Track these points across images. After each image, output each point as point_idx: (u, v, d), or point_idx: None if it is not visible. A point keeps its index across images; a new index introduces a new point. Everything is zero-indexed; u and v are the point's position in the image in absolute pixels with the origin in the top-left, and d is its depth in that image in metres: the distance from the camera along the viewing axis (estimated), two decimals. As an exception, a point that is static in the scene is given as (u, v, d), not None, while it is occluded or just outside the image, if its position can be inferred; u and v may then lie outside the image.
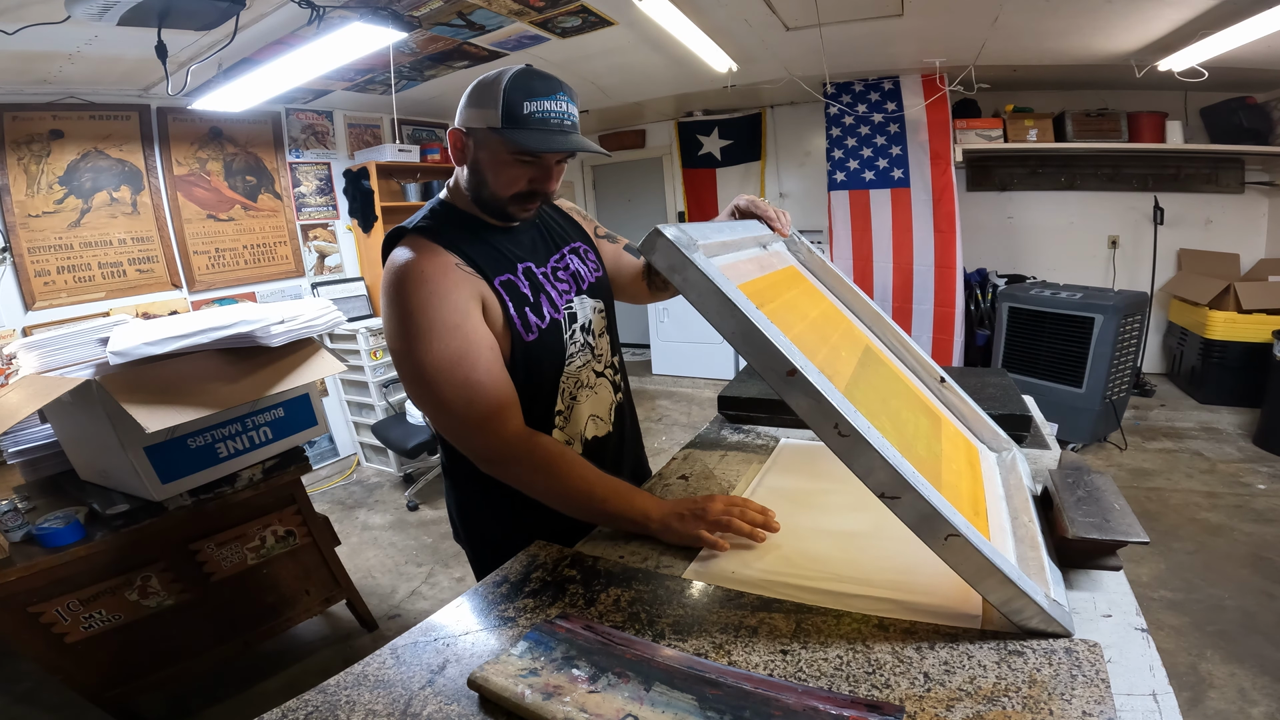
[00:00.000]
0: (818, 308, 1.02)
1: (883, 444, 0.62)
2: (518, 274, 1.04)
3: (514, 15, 2.80)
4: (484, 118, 0.95)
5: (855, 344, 0.99)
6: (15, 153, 2.80)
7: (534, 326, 1.02)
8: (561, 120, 0.95)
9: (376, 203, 3.95)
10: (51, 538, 1.55)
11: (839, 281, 1.20)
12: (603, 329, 1.18)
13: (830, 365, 0.78)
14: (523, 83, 0.93)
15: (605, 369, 1.18)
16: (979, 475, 0.94)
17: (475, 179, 1.01)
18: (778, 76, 3.92)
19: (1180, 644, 1.95)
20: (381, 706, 0.62)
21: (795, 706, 0.56)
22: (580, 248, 1.19)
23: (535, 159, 0.97)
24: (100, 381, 1.48)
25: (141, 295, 3.22)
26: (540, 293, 1.05)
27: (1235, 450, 3.27)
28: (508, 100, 0.92)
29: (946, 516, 0.62)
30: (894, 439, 0.66)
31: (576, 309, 1.12)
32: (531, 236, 1.12)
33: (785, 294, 0.93)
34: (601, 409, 1.16)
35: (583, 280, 1.15)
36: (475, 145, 0.99)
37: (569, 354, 1.09)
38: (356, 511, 3.35)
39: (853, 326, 1.09)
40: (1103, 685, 0.57)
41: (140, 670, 1.73)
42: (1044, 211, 4.53)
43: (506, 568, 0.87)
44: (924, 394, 1.09)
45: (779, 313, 0.78)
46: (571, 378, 1.10)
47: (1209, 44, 2.77)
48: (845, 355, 0.88)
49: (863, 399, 0.74)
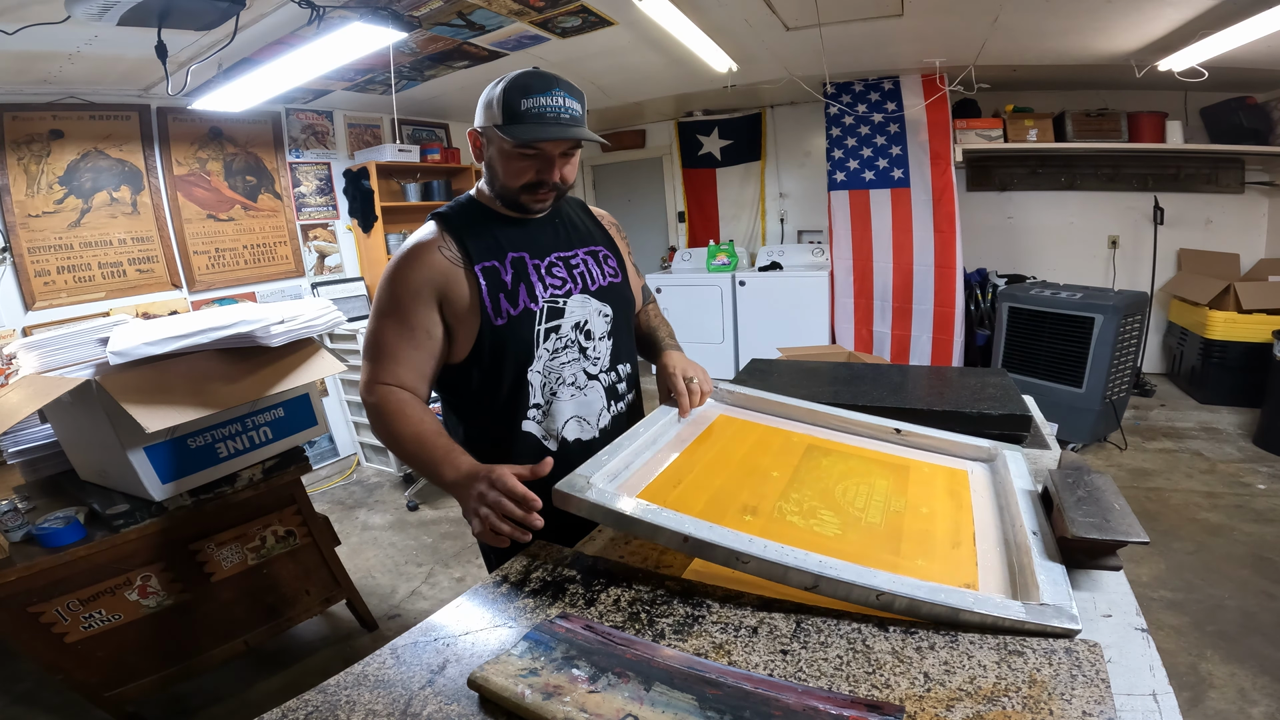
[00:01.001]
0: (747, 441, 1.13)
1: (784, 553, 0.74)
2: (504, 262, 1.10)
3: (514, 15, 2.80)
4: (489, 118, 1.05)
5: (792, 451, 1.09)
6: (15, 153, 2.80)
7: (504, 312, 1.08)
8: (558, 114, 1.01)
9: (376, 203, 3.95)
10: (51, 538, 1.55)
11: (772, 403, 1.26)
12: (605, 334, 1.18)
13: (757, 492, 0.94)
14: (520, 82, 1.02)
15: (601, 373, 1.18)
16: (964, 500, 0.95)
17: (490, 173, 1.12)
18: (778, 76, 3.93)
19: (1180, 644, 1.95)
20: (381, 706, 0.62)
21: (795, 706, 0.56)
22: (600, 252, 1.22)
23: (536, 151, 1.04)
24: (100, 381, 1.48)
25: (141, 295, 3.22)
26: (522, 282, 1.10)
27: (1235, 450, 3.27)
28: (506, 99, 1.01)
29: (874, 586, 0.70)
30: (833, 524, 0.85)
31: (573, 307, 1.14)
32: (542, 229, 1.17)
33: (709, 454, 1.07)
34: (588, 413, 1.17)
35: (592, 282, 1.18)
36: (486, 143, 1.09)
37: (552, 349, 1.12)
38: (356, 511, 3.35)
39: (790, 435, 1.16)
40: (1103, 685, 0.57)
41: (140, 670, 1.73)
42: (1044, 211, 4.53)
43: (506, 568, 0.87)
44: (884, 453, 1.12)
45: (698, 479, 0.96)
46: (553, 373, 1.13)
47: (1209, 44, 2.77)
48: (778, 473, 1.00)
49: (799, 499, 0.91)
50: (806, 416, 1.22)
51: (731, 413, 1.24)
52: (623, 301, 1.23)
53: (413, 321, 1.07)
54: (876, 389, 1.39)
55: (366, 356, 1.11)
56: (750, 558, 0.74)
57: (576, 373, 1.15)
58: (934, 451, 1.13)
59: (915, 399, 1.32)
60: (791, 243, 5.21)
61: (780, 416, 1.23)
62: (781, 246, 5.02)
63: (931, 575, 0.75)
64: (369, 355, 1.10)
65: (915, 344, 4.35)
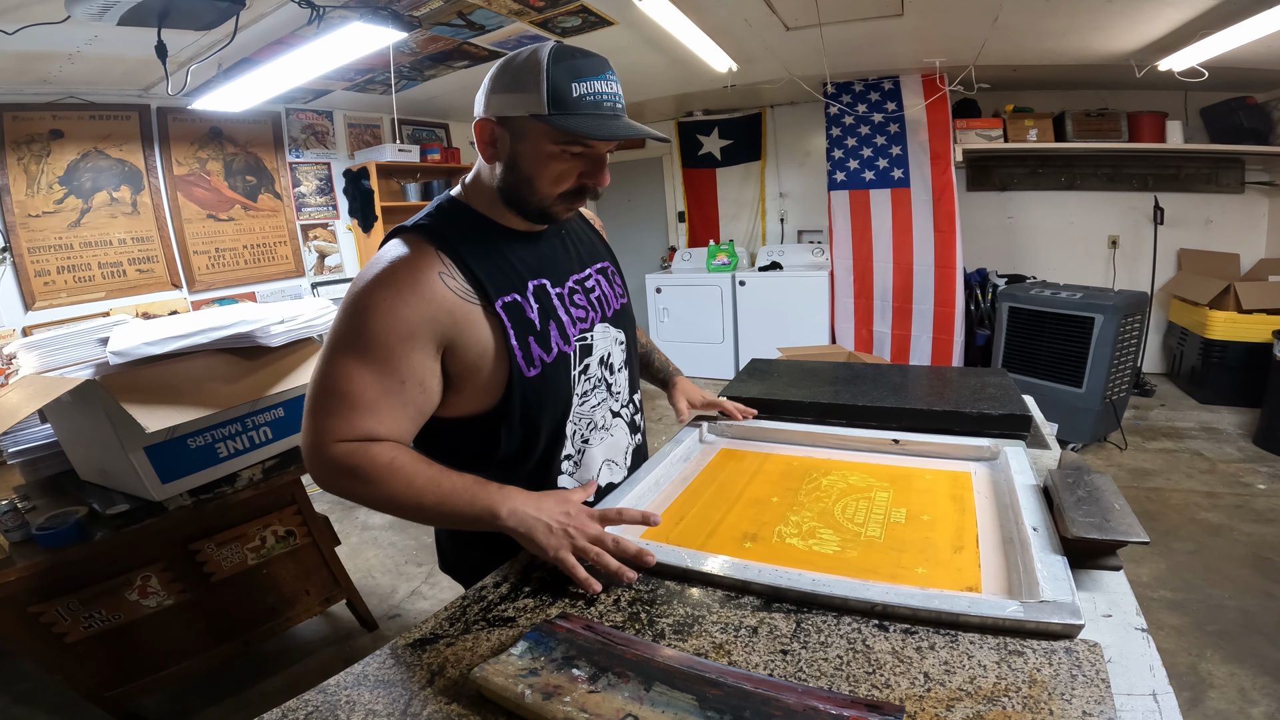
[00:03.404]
0: (748, 472, 1.12)
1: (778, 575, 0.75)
2: (526, 294, 0.89)
3: (514, 15, 2.80)
4: (524, 104, 0.80)
5: (792, 475, 1.09)
6: (15, 153, 2.80)
7: (537, 360, 0.88)
8: (614, 103, 0.82)
9: (376, 203, 3.96)
10: (51, 538, 1.55)
11: (771, 430, 1.26)
12: (623, 363, 1.05)
13: (757, 520, 0.95)
14: (568, 61, 0.80)
15: (622, 408, 1.06)
16: (967, 503, 0.96)
17: (513, 176, 0.86)
18: (778, 76, 3.93)
19: (1180, 644, 1.95)
20: (381, 706, 0.62)
21: (795, 706, 0.56)
22: (609, 269, 1.06)
23: (587, 149, 0.84)
24: (100, 381, 1.48)
25: (141, 295, 3.23)
26: (550, 319, 0.91)
27: (1235, 450, 3.27)
28: (554, 82, 0.78)
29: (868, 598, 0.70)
30: (832, 542, 0.87)
31: (596, 340, 0.98)
32: (554, 246, 0.97)
33: (710, 488, 1.06)
34: (616, 453, 1.05)
35: (608, 306, 1.02)
36: (513, 137, 0.84)
37: (581, 392, 0.96)
38: (356, 511, 3.35)
39: (790, 460, 1.16)
40: (1103, 685, 0.57)
41: (140, 670, 1.73)
42: (1044, 211, 4.53)
43: (506, 568, 0.87)
44: (885, 464, 1.12)
45: (700, 513, 0.97)
46: (584, 419, 0.98)
47: (1209, 44, 2.77)
48: (778, 499, 1.01)
49: (798, 522, 0.93)
50: (805, 439, 1.23)
51: (733, 445, 1.25)
52: (631, 323, 1.09)
53: (402, 371, 0.81)
54: (876, 389, 1.39)
55: (320, 406, 0.81)
56: (747, 584, 0.75)
57: (605, 413, 1.01)
58: (936, 457, 1.13)
59: (915, 399, 1.31)
60: (791, 243, 5.22)
61: (780, 442, 1.23)
62: (781, 246, 5.02)
63: (933, 582, 0.75)
64: (327, 405, 0.80)
65: (915, 344, 4.35)
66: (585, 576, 0.76)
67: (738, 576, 0.76)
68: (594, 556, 0.77)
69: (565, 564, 0.77)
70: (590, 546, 0.78)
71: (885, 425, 1.22)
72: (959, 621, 0.67)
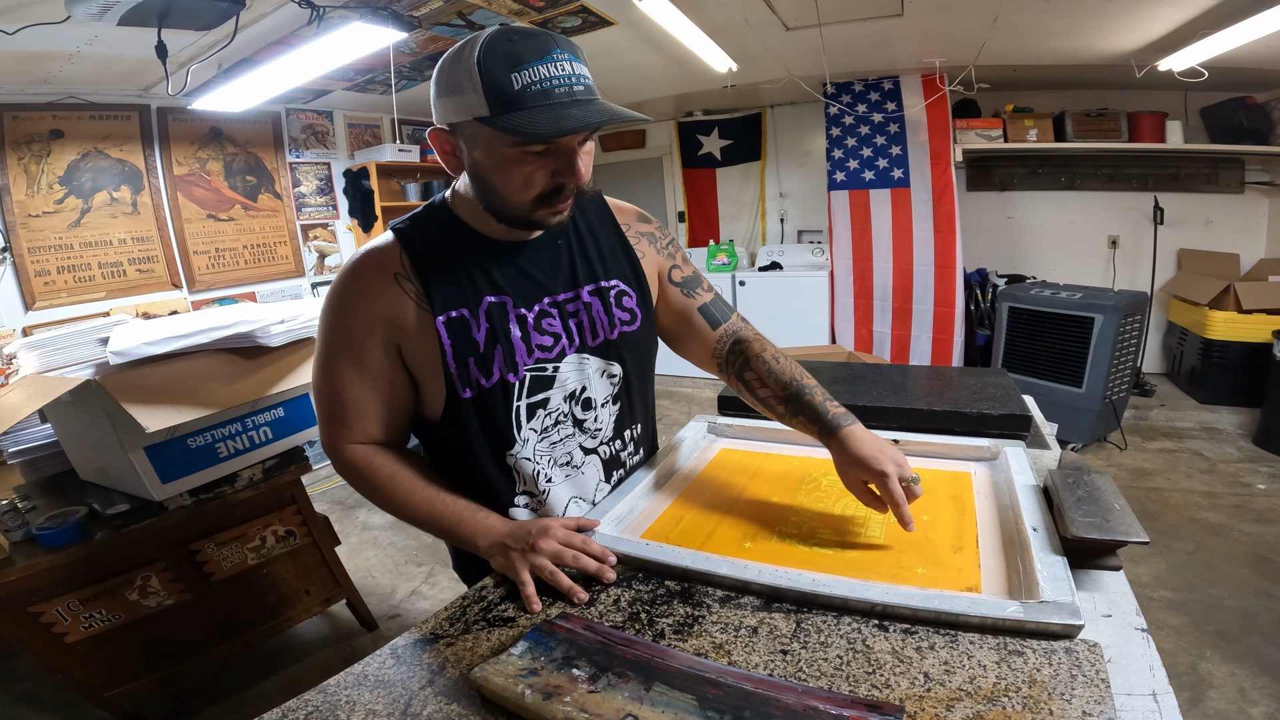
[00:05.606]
0: (747, 472, 1.12)
1: (778, 575, 0.76)
2: (478, 311, 0.83)
3: (514, 15, 2.80)
4: (465, 106, 0.72)
5: (792, 476, 1.09)
6: (15, 153, 2.80)
7: (474, 382, 0.84)
8: (570, 85, 0.71)
9: (376, 202, 3.96)
10: (51, 538, 1.55)
11: (771, 430, 1.25)
12: (609, 399, 0.95)
13: (757, 520, 0.95)
14: (503, 48, 0.69)
15: (601, 445, 0.97)
16: (967, 503, 0.96)
17: (481, 187, 0.79)
18: (778, 76, 3.93)
19: (1180, 644, 1.95)
20: (381, 706, 0.62)
21: (795, 706, 0.56)
22: (614, 289, 0.93)
23: (548, 146, 0.74)
24: (100, 381, 1.48)
25: (141, 295, 3.23)
26: (499, 343, 0.84)
27: (1235, 450, 3.27)
28: (488, 76, 0.69)
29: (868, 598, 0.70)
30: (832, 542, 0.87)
31: (566, 372, 0.89)
32: (541, 260, 0.89)
33: (710, 489, 1.06)
34: (585, 491, 0.97)
35: (595, 335, 0.91)
36: (467, 145, 0.78)
37: (541, 428, 0.90)
38: (356, 511, 3.35)
39: (790, 460, 1.16)
40: (1103, 685, 0.57)
41: (140, 670, 1.73)
42: (1044, 211, 4.53)
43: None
44: None
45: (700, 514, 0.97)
46: (544, 455, 0.91)
47: (1209, 44, 2.77)
48: (778, 499, 1.01)
49: (797, 522, 0.93)
50: (805, 439, 1.22)
51: (732, 445, 1.25)
52: (641, 351, 0.98)
53: (373, 369, 0.83)
54: (876, 389, 1.39)
55: (322, 415, 0.87)
56: (746, 583, 0.76)
57: (572, 450, 0.94)
58: (935, 457, 1.13)
59: (915, 399, 1.31)
60: (791, 243, 5.21)
61: (779, 442, 1.23)
62: (781, 246, 5.02)
63: (933, 582, 0.75)
64: (325, 413, 0.86)
65: (915, 344, 4.35)
66: (530, 594, 0.76)
67: (738, 576, 0.76)
68: (548, 575, 0.78)
69: (518, 580, 0.79)
70: (545, 564, 0.79)
71: (885, 425, 1.22)
72: (959, 622, 0.67)
